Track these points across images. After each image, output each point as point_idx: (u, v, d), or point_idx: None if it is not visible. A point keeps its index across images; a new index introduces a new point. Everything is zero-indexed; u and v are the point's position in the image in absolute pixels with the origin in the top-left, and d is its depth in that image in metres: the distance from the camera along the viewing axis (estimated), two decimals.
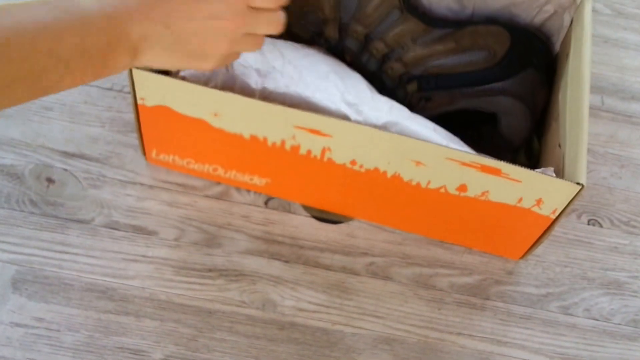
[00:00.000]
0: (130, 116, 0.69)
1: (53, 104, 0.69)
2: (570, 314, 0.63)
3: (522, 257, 0.65)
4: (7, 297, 0.59)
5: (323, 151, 0.58)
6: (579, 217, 0.69)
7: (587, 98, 0.57)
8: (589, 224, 0.69)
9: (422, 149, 0.55)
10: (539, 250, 0.66)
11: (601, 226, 0.69)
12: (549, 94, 0.65)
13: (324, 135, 0.56)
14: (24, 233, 0.62)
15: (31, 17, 0.39)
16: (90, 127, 0.68)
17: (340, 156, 0.58)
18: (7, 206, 0.63)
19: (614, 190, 0.71)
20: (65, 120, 0.68)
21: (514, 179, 0.55)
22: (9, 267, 0.60)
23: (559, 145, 0.59)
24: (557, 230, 0.67)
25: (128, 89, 0.69)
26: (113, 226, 0.63)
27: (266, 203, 0.66)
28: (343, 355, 0.59)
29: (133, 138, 0.68)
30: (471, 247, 0.65)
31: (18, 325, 0.58)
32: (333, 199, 0.65)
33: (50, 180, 0.65)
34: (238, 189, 0.66)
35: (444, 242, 0.66)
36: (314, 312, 0.61)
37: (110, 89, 0.71)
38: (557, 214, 0.57)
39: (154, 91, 0.57)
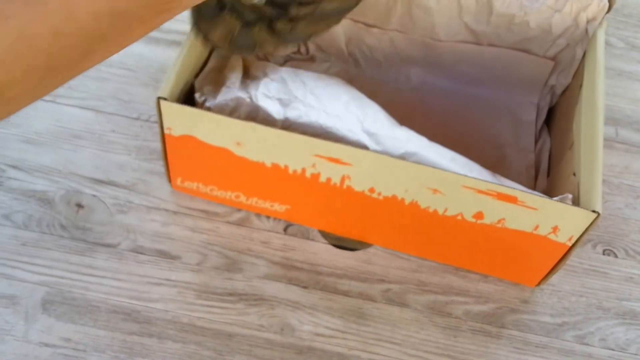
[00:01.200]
0: (156, 144, 0.71)
1: (83, 133, 0.72)
2: (586, 344, 0.64)
3: (538, 284, 0.66)
4: (36, 318, 0.61)
5: (342, 179, 0.60)
6: (594, 247, 0.70)
7: (601, 127, 0.59)
8: (604, 254, 0.69)
9: (439, 178, 0.57)
10: (554, 279, 0.67)
11: (616, 256, 0.69)
12: None
13: (344, 163, 0.58)
14: (54, 256, 0.64)
15: None
16: (118, 155, 0.71)
17: (359, 184, 0.60)
18: (38, 230, 0.65)
19: (628, 221, 0.72)
20: (94, 148, 0.71)
21: (530, 207, 0.56)
22: (39, 288, 0.62)
23: (574, 174, 0.61)
24: (572, 259, 0.68)
25: (154, 118, 0.72)
26: (138, 250, 0.65)
27: (285, 230, 0.68)
28: None
29: (158, 165, 0.70)
30: (487, 273, 0.66)
31: (47, 345, 0.60)
32: (351, 226, 0.66)
33: (79, 206, 0.67)
34: (258, 216, 0.68)
35: (460, 270, 0.67)
36: (331, 337, 0.62)
37: (137, 119, 0.73)
38: (573, 241, 0.58)
39: (181, 122, 0.59)
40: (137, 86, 0.76)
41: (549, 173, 0.71)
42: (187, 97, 0.62)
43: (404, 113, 0.65)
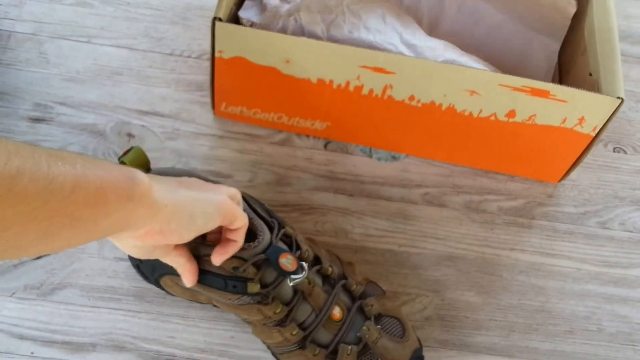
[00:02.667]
0: (192, 77, 0.75)
1: (121, 70, 0.75)
2: (608, 228, 0.71)
3: (560, 180, 0.72)
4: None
5: (384, 89, 0.65)
6: (605, 145, 0.76)
7: (615, 26, 0.65)
8: (614, 152, 0.76)
9: (476, 78, 0.62)
10: (573, 175, 0.73)
11: (626, 153, 0.76)
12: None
13: (388, 72, 0.63)
14: None
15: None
16: (159, 88, 0.74)
17: (399, 93, 0.65)
18: None
19: (633, 122, 0.79)
20: (135, 83, 0.74)
21: (560, 100, 0.62)
22: None
23: (590, 74, 0.67)
24: (587, 158, 0.74)
25: (187, 54, 0.76)
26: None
27: (325, 146, 0.73)
28: (411, 271, 0.66)
29: (198, 96, 0.74)
30: (514, 174, 0.73)
31: (121, 259, 0.63)
32: (388, 138, 0.71)
33: (130, 135, 0.71)
34: (299, 136, 0.73)
35: (489, 172, 0.73)
36: (381, 236, 0.68)
37: (171, 54, 0.77)
38: (596, 131, 0.64)
39: (233, 43, 0.63)
40: (166, 24, 0.79)
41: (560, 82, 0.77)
42: (233, 22, 0.66)
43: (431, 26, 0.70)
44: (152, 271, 0.58)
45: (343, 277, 0.58)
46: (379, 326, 0.57)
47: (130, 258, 0.60)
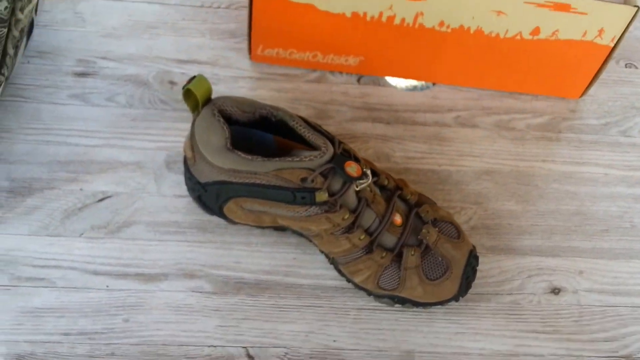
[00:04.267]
0: (225, 26, 0.78)
1: (156, 23, 0.78)
2: (629, 136, 0.75)
3: (581, 96, 0.77)
4: (164, 176, 0.67)
5: (415, 17, 0.69)
6: (617, 62, 0.81)
7: None
8: (626, 67, 0.81)
9: None
10: (592, 91, 0.78)
11: (637, 68, 0.81)
12: None
13: (419, 0, 0.67)
14: (163, 126, 0.71)
15: None
16: (194, 38, 0.77)
17: (430, 19, 0.69)
18: (142, 107, 0.72)
19: None
20: (171, 35, 0.77)
21: (581, 12, 0.66)
22: (159, 152, 0.69)
23: None
24: (603, 75, 0.79)
25: (217, 4, 0.79)
26: None
27: (359, 81, 0.76)
28: (453, 187, 0.70)
29: (232, 43, 0.77)
30: (538, 93, 0.77)
31: (180, 196, 0.67)
32: (419, 68, 0.75)
33: (172, 83, 0.74)
34: (332, 73, 0.76)
35: (514, 94, 0.77)
36: (421, 158, 0.72)
37: (201, 7, 0.80)
38: (615, 41, 0.69)
39: None
40: None
41: None
42: None
43: None
44: (216, 198, 0.61)
45: (398, 188, 0.62)
46: (437, 229, 0.61)
47: (190, 191, 0.63)
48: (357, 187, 0.57)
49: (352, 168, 0.56)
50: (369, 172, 0.57)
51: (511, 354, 0.62)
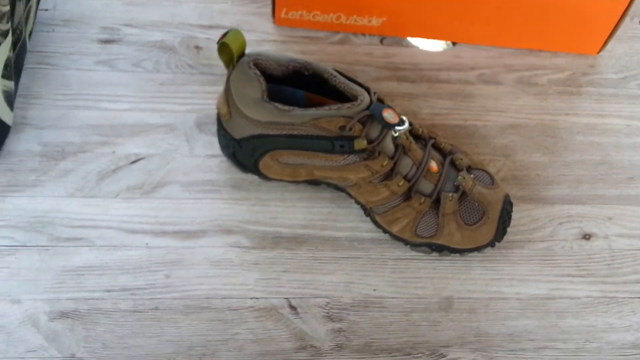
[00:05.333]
0: None
1: None
2: None
3: (599, 51, 0.78)
4: (196, 137, 0.68)
5: None
6: (631, 19, 0.82)
7: None
8: None
9: None
10: (609, 46, 0.79)
11: None
12: None
13: None
14: (192, 89, 0.71)
15: None
16: (216, 4, 0.78)
17: None
18: (170, 71, 0.72)
19: None
20: (193, 1, 0.77)
21: None
22: (190, 115, 0.69)
23: None
24: (618, 32, 0.80)
25: None
26: None
27: (382, 41, 0.77)
28: (481, 141, 0.71)
29: (254, 8, 0.78)
30: (557, 50, 0.78)
31: (213, 156, 0.67)
32: (441, 27, 0.76)
33: (198, 48, 0.74)
34: (355, 35, 0.77)
35: (534, 51, 0.78)
36: (447, 114, 0.73)
37: None
38: None
39: None
40: None
41: None
42: None
43: None
44: (252, 153, 0.62)
45: (431, 137, 0.63)
46: (472, 175, 0.62)
47: (224, 149, 0.64)
48: (395, 132, 0.58)
49: (389, 114, 0.57)
50: (405, 118, 0.58)
51: (547, 297, 0.63)
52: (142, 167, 0.66)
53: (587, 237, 0.66)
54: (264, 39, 0.75)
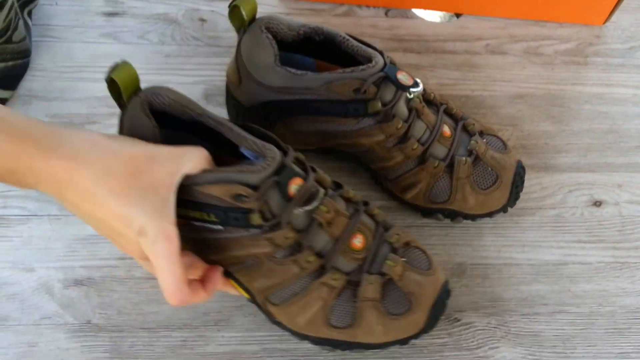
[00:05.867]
0: None
1: None
2: None
3: (605, 22, 0.78)
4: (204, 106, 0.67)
5: None
6: None
7: None
8: None
9: None
10: (614, 17, 0.79)
11: None
12: None
13: None
14: (198, 61, 0.70)
15: None
16: None
17: None
18: (175, 43, 0.71)
19: None
20: None
21: None
22: (197, 86, 0.69)
23: None
24: (623, 3, 0.80)
25: None
26: None
27: (386, 14, 0.77)
28: (489, 110, 0.71)
29: None
30: (563, 20, 0.78)
31: None
32: None
33: (203, 20, 0.73)
34: (359, 7, 0.77)
35: (539, 22, 0.78)
36: (454, 84, 0.72)
37: None
38: None
39: None
40: None
41: None
42: None
43: None
44: (263, 121, 0.61)
45: (442, 103, 0.63)
46: (485, 140, 0.61)
47: (234, 119, 0.63)
48: (410, 94, 0.57)
49: (404, 76, 0.57)
50: (419, 80, 0.58)
51: (560, 262, 0.63)
52: None
53: (597, 204, 0.66)
54: (267, 11, 0.75)
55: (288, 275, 0.50)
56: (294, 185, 0.47)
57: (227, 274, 0.51)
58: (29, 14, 0.67)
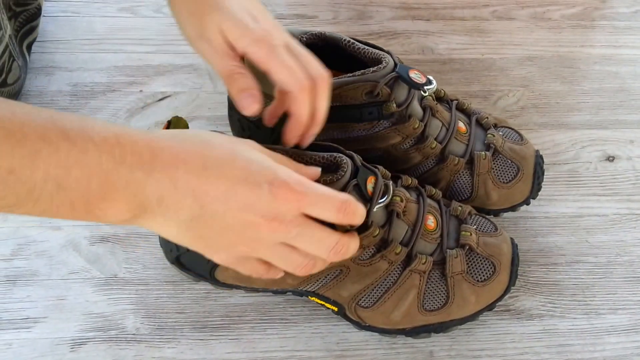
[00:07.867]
0: None
1: None
2: None
3: None
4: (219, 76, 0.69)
5: None
6: None
7: None
8: None
9: None
10: None
11: None
12: None
13: None
14: None
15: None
16: None
17: None
18: None
19: None
20: None
21: None
22: None
23: None
24: None
25: None
26: (280, 17, 0.74)
27: None
28: (499, 73, 0.72)
29: None
30: None
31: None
32: None
33: None
34: None
35: None
36: (464, 49, 0.74)
37: None
38: None
39: None
40: None
41: None
42: None
43: None
44: (272, 132, 0.54)
45: (453, 99, 0.61)
46: (501, 133, 0.61)
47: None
48: (425, 92, 0.55)
49: (416, 74, 0.55)
50: (432, 78, 0.56)
51: (576, 215, 0.63)
52: (169, 104, 0.67)
53: (610, 158, 0.67)
54: None
55: (379, 273, 0.50)
56: (370, 184, 0.47)
57: (311, 294, 0.52)
58: (29, 47, 0.67)
